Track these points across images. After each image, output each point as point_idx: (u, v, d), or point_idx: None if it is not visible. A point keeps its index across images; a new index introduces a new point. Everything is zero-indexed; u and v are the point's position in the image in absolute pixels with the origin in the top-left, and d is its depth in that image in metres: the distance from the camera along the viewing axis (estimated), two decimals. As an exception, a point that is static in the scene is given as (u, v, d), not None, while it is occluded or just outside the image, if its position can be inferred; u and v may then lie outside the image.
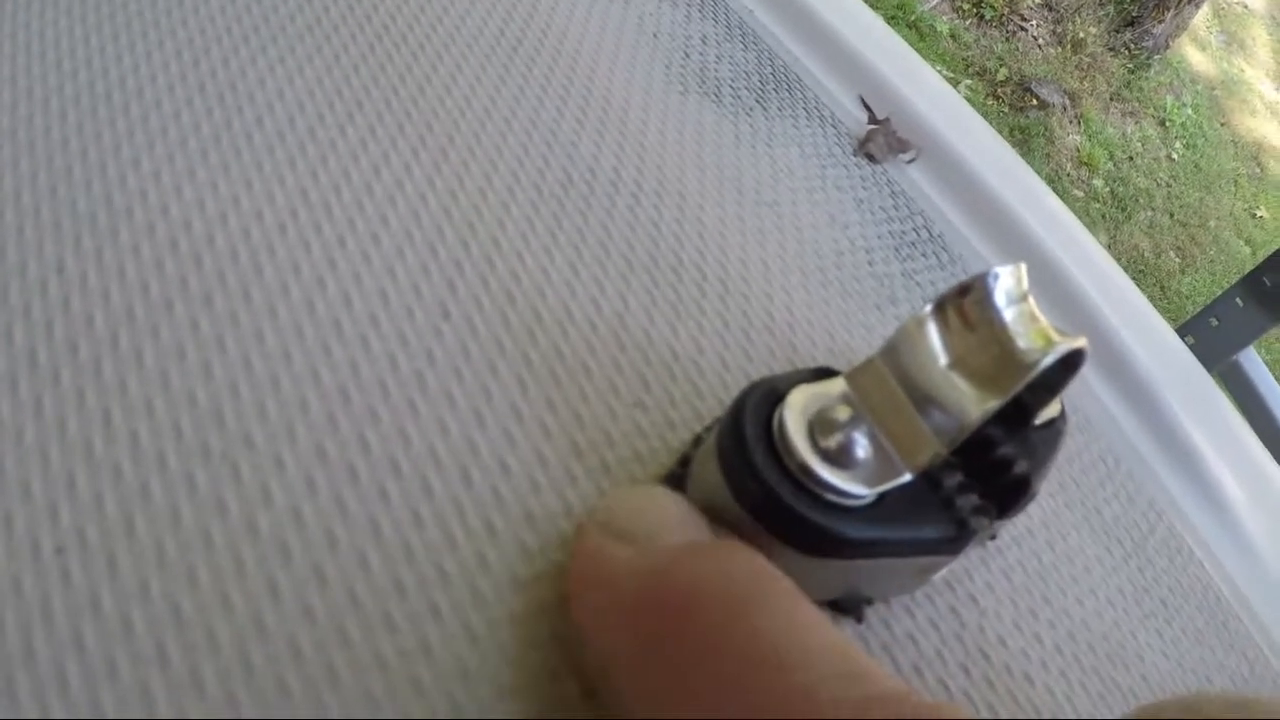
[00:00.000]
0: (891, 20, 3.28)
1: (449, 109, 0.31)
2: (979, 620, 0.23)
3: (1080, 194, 2.98)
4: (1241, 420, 0.41)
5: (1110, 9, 3.73)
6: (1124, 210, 3.02)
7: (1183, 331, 1.45)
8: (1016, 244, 0.40)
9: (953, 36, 3.37)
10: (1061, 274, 0.40)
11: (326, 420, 0.21)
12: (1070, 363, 0.20)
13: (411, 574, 0.20)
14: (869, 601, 0.22)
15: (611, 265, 0.27)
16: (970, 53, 3.33)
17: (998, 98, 3.19)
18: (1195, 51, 3.95)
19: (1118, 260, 2.79)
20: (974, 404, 0.19)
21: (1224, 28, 4.21)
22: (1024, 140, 3.03)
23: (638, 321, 0.25)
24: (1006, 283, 0.19)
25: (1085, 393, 0.37)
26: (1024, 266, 0.20)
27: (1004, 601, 0.24)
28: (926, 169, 0.42)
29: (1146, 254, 2.92)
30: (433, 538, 0.20)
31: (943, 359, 0.19)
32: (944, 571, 0.22)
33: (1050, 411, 0.24)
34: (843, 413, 0.19)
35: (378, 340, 0.23)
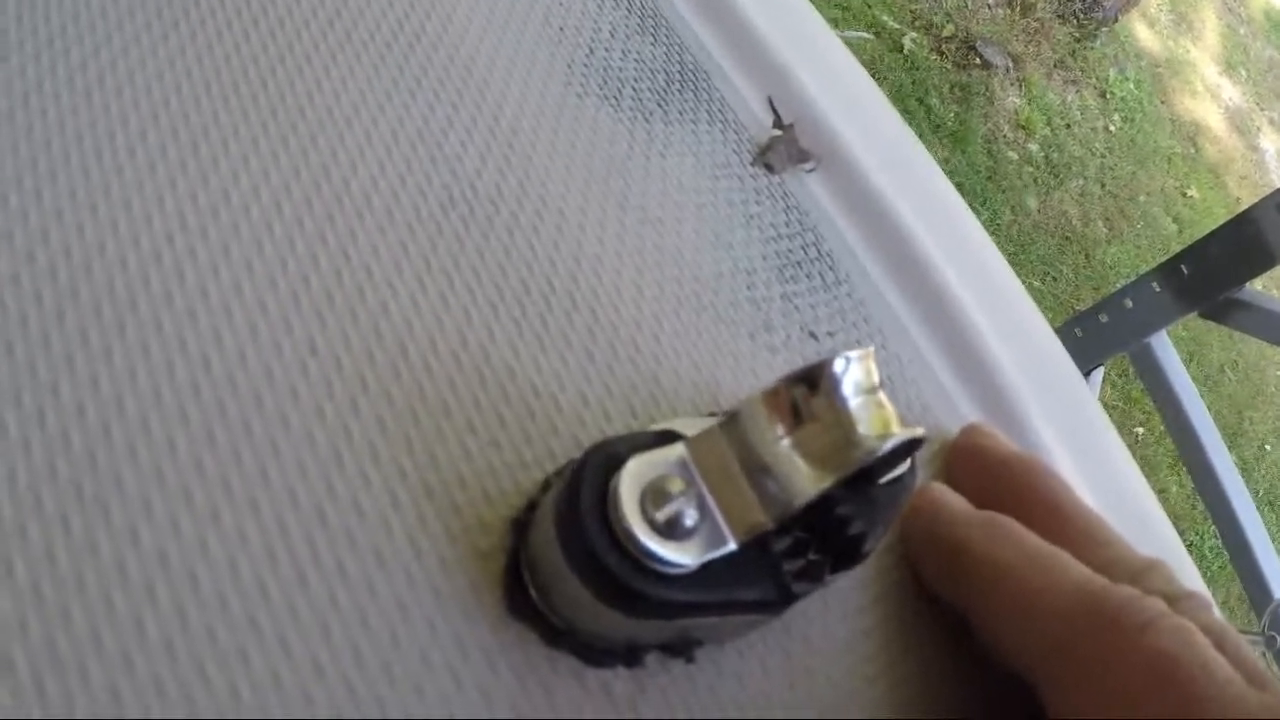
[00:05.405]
0: (842, -30, 3.26)
1: (336, 120, 0.31)
2: (809, 663, 0.25)
3: (1015, 156, 3.02)
4: (1108, 424, 0.43)
5: (1063, -25, 3.74)
6: (1056, 176, 3.07)
7: (1097, 309, 1.49)
8: (906, 258, 0.41)
9: (903, -11, 3.36)
10: (940, 285, 0.41)
11: (193, 463, 0.22)
12: (910, 446, 0.22)
13: (267, 614, 0.21)
14: (699, 643, 0.24)
15: (482, 294, 0.28)
16: (919, 5, 3.32)
17: (942, 54, 3.20)
18: (1144, 28, 3.98)
19: (1046, 225, 2.85)
20: (808, 482, 0.20)
21: (1174, 8, 4.24)
22: (964, 98, 3.05)
23: (502, 355, 0.26)
24: (855, 373, 0.20)
25: (947, 407, 0.38)
26: (873, 353, 0.21)
27: (838, 646, 0.26)
28: (826, 179, 0.42)
29: (1075, 221, 2.98)
30: (287, 575, 0.21)
31: (783, 437, 0.20)
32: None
33: (898, 468, 0.25)
34: (675, 485, 0.20)
35: (244, 378, 0.24)
